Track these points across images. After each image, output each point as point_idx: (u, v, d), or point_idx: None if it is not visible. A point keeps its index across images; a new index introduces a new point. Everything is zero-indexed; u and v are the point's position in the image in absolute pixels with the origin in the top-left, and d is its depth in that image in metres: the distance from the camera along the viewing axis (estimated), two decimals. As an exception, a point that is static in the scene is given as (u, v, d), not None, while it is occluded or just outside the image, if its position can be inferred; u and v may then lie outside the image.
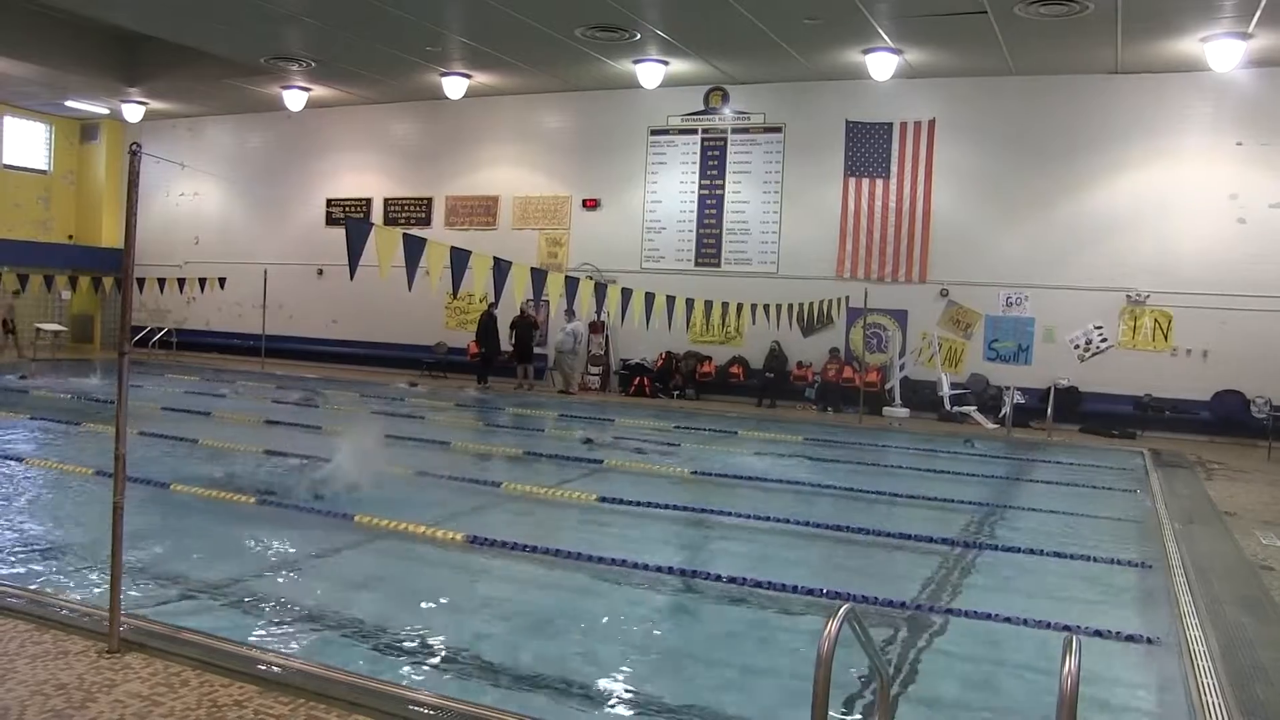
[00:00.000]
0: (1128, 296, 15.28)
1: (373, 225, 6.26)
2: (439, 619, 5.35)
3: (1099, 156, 15.40)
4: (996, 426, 14.58)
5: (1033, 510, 8.90)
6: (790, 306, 15.08)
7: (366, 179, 21.37)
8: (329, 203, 21.68)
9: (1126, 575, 6.72)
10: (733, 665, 4.85)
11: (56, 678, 3.87)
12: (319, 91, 19.86)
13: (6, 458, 9.19)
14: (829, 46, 14.95)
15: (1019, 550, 7.11)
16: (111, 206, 23.91)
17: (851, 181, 16.88)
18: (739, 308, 14.22)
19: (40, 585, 5.35)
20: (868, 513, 8.61)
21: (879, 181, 16.71)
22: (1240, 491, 10.14)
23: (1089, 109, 15.44)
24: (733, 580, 6.01)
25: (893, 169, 16.62)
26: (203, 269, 20.42)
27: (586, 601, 5.83)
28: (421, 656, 4.68)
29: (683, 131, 18.23)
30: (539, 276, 8.65)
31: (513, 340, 18.09)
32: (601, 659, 4.82)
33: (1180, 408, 14.80)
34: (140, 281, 18.17)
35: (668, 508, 8.21)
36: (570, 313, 17.01)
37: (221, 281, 19.46)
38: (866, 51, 14.92)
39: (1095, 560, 6.92)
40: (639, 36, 14.95)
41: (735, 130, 17.87)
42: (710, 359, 17.79)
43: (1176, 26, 12.97)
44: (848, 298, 16.14)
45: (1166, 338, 15.16)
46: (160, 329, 22.32)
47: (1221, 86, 14.58)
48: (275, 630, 4.99)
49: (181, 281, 18.81)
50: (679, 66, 16.52)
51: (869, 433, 14.11)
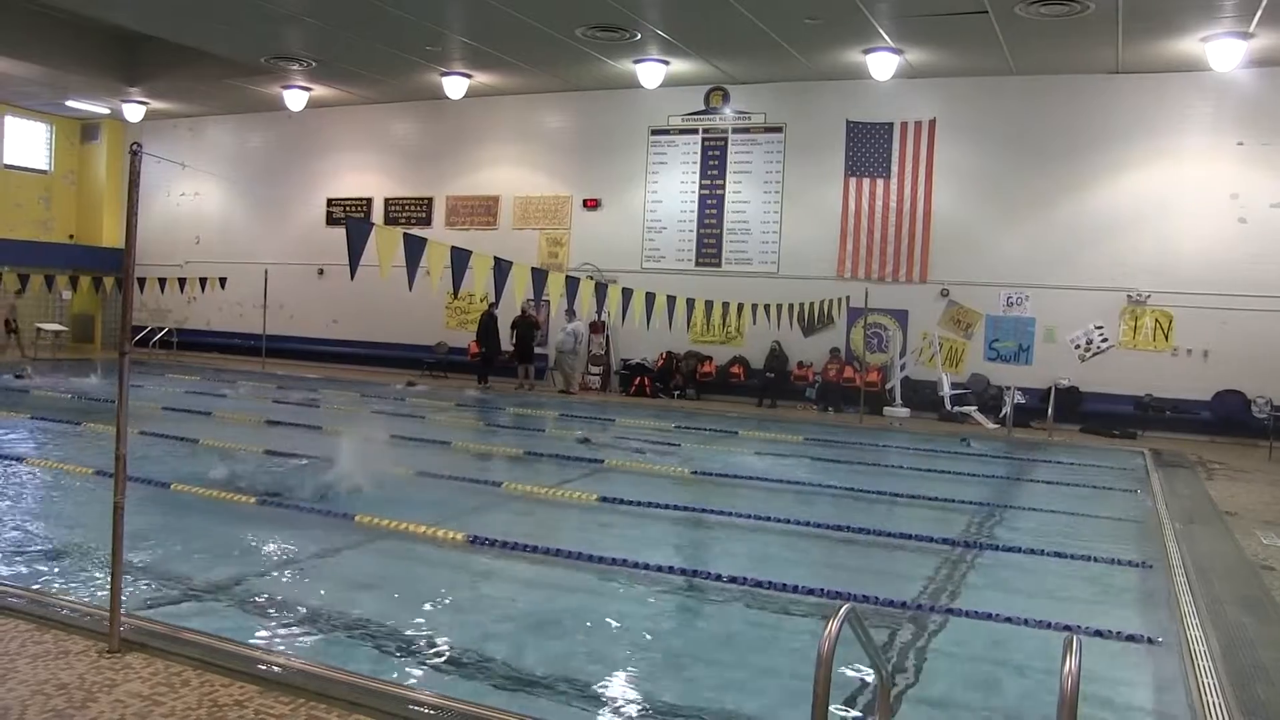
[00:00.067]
0: (1128, 296, 15.28)
1: (373, 225, 6.26)
2: (439, 619, 5.35)
3: (1100, 156, 15.40)
4: (997, 426, 14.57)
5: (1033, 510, 8.90)
6: (791, 306, 15.10)
7: (367, 179, 21.37)
8: (330, 202, 21.69)
9: (1127, 575, 6.72)
10: (733, 665, 4.84)
11: (57, 677, 3.87)
12: (320, 91, 19.87)
13: (7, 457, 9.19)
14: (829, 46, 14.95)
15: (1019, 550, 7.11)
16: (112, 206, 23.94)
17: (852, 181, 16.88)
18: (739, 308, 14.24)
19: (41, 585, 5.35)
20: (868, 512, 8.62)
21: (879, 181, 16.71)
22: (1241, 491, 10.14)
23: (1090, 109, 15.43)
24: (733, 580, 6.01)
25: (893, 169, 16.61)
26: (203, 269, 20.44)
27: (587, 601, 5.82)
28: (422, 656, 4.68)
29: (683, 131, 18.23)
30: (539, 276, 8.66)
31: (514, 340, 18.10)
32: (602, 658, 4.82)
33: (1181, 408, 14.80)
34: (141, 281, 18.20)
35: (668, 508, 8.21)
36: (571, 313, 17.01)
37: (222, 281, 19.51)
38: (867, 51, 14.92)
39: (1096, 560, 6.91)
40: (639, 36, 14.95)
41: (736, 130, 17.87)
42: (711, 359, 17.79)
43: (1177, 26, 12.97)
44: (848, 298, 16.15)
45: (1167, 338, 15.15)
46: (161, 329, 22.34)
47: (1222, 86, 14.57)
48: (276, 630, 4.99)
49: (182, 281, 18.87)
50: (679, 66, 16.52)
51: (869, 433, 14.10)
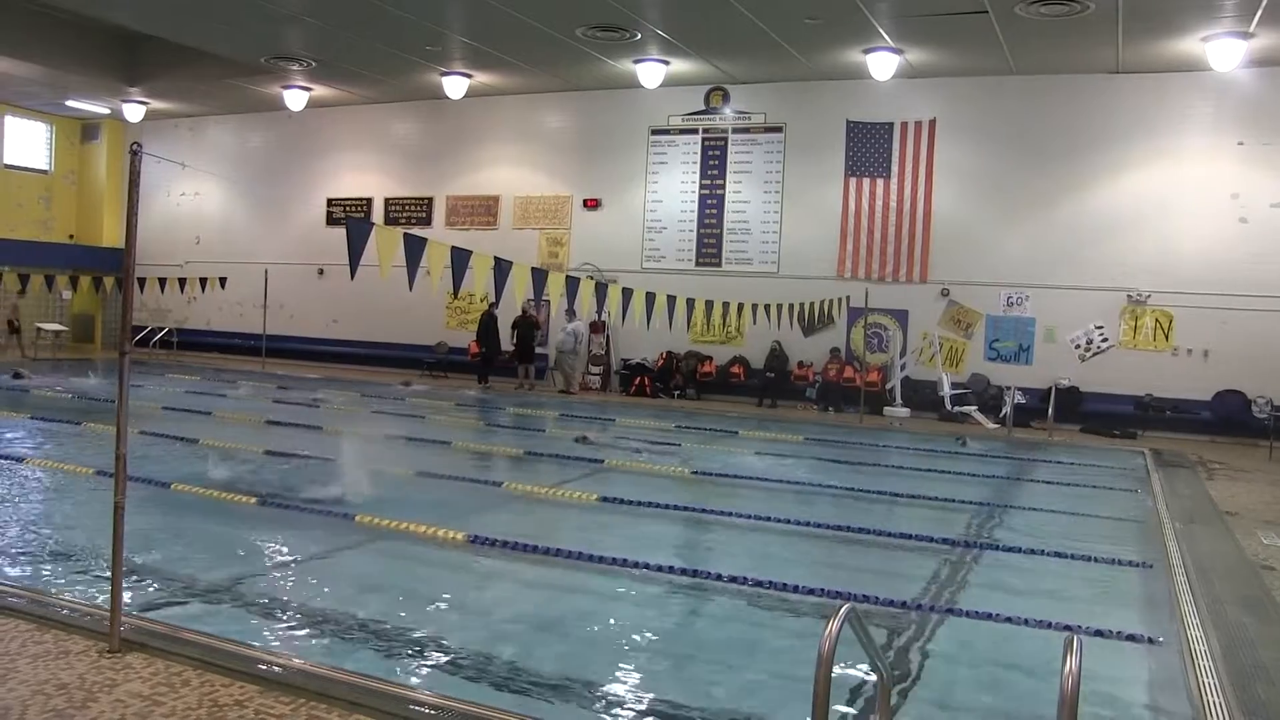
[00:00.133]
0: (1129, 296, 15.28)
1: (373, 225, 6.26)
2: (439, 619, 5.34)
3: (1100, 156, 15.40)
4: (997, 426, 14.57)
5: (1034, 510, 8.89)
6: (791, 306, 15.10)
7: (367, 179, 21.37)
8: (330, 202, 21.69)
9: (1128, 575, 6.72)
10: (733, 664, 4.84)
11: (58, 677, 3.87)
12: (320, 91, 19.87)
13: (8, 457, 9.19)
14: (830, 46, 14.94)
15: (1020, 550, 7.10)
16: (112, 206, 23.94)
17: (852, 181, 16.88)
18: (739, 307, 14.24)
19: (41, 585, 5.35)
20: (869, 512, 8.62)
21: (880, 181, 16.71)
22: (1241, 491, 10.14)
23: (1090, 109, 15.43)
24: (733, 579, 6.00)
25: (893, 169, 16.61)
26: (203, 269, 20.46)
27: (586, 601, 5.82)
28: (422, 656, 4.67)
29: (683, 131, 18.22)
30: (539, 276, 8.66)
31: (514, 340, 18.10)
32: (602, 658, 4.82)
33: (1181, 408, 14.80)
34: (141, 281, 18.20)
35: (668, 507, 8.21)
36: (571, 312, 17.01)
37: (222, 281, 19.52)
38: (867, 51, 14.92)
39: (1096, 560, 6.91)
40: (640, 36, 14.94)
41: (736, 130, 17.87)
42: (711, 359, 17.79)
43: (1177, 26, 12.97)
44: (848, 297, 16.14)
45: (1167, 337, 15.15)
46: (161, 329, 22.33)
47: (1223, 86, 14.57)
48: (276, 630, 4.99)
49: (182, 281, 18.89)
50: (680, 66, 16.52)
51: (870, 432, 14.10)
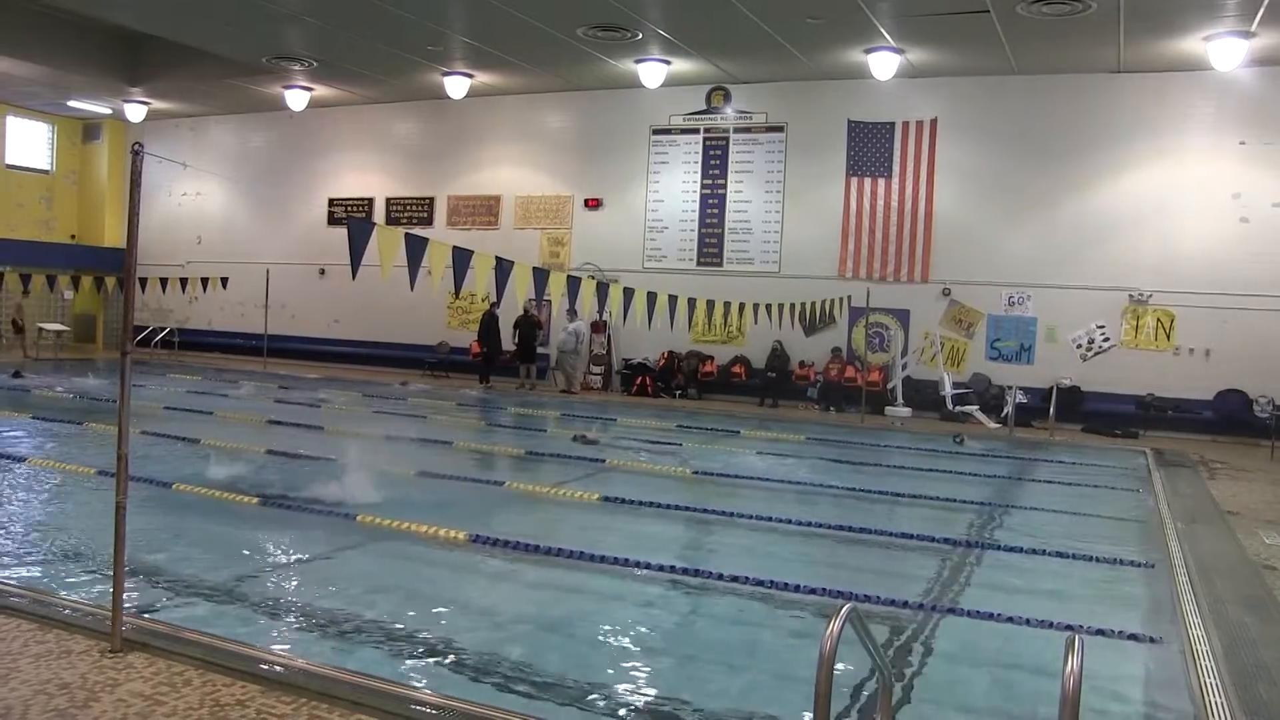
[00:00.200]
0: (1130, 296, 15.27)
1: (375, 225, 6.26)
2: (441, 618, 5.34)
3: (1101, 156, 15.38)
4: (999, 426, 14.56)
5: (1035, 510, 8.89)
6: (792, 306, 15.09)
7: (368, 179, 21.38)
8: (331, 202, 21.70)
9: (1129, 575, 6.71)
10: (734, 664, 4.84)
11: (59, 677, 3.87)
12: (321, 91, 19.87)
13: (9, 457, 9.20)
14: (831, 46, 14.94)
15: (1021, 550, 7.10)
16: (114, 206, 23.96)
17: (853, 181, 16.87)
18: (741, 307, 14.25)
19: (43, 585, 5.35)
20: (870, 512, 8.61)
21: (881, 181, 16.70)
22: (1243, 491, 10.14)
23: (1091, 108, 15.42)
24: (735, 579, 6.00)
25: (895, 168, 16.61)
26: (205, 269, 20.47)
27: (588, 600, 5.83)
28: (424, 656, 4.67)
29: (685, 131, 18.22)
30: (541, 276, 8.66)
31: (516, 340, 18.11)
32: (603, 657, 4.82)
33: (1183, 407, 14.79)
34: (143, 281, 18.22)
35: (670, 507, 8.21)
36: (572, 312, 16.99)
37: (224, 281, 19.54)
38: (869, 51, 14.92)
39: (1098, 560, 6.90)
40: (641, 36, 14.94)
41: (737, 130, 17.86)
42: (712, 358, 17.78)
43: (1179, 25, 12.96)
44: (850, 297, 16.13)
45: (1169, 337, 15.14)
46: (163, 329, 22.33)
47: (1224, 86, 14.55)
48: (278, 630, 4.99)
49: (184, 281, 18.90)
50: (681, 66, 16.51)
51: (871, 432, 14.10)
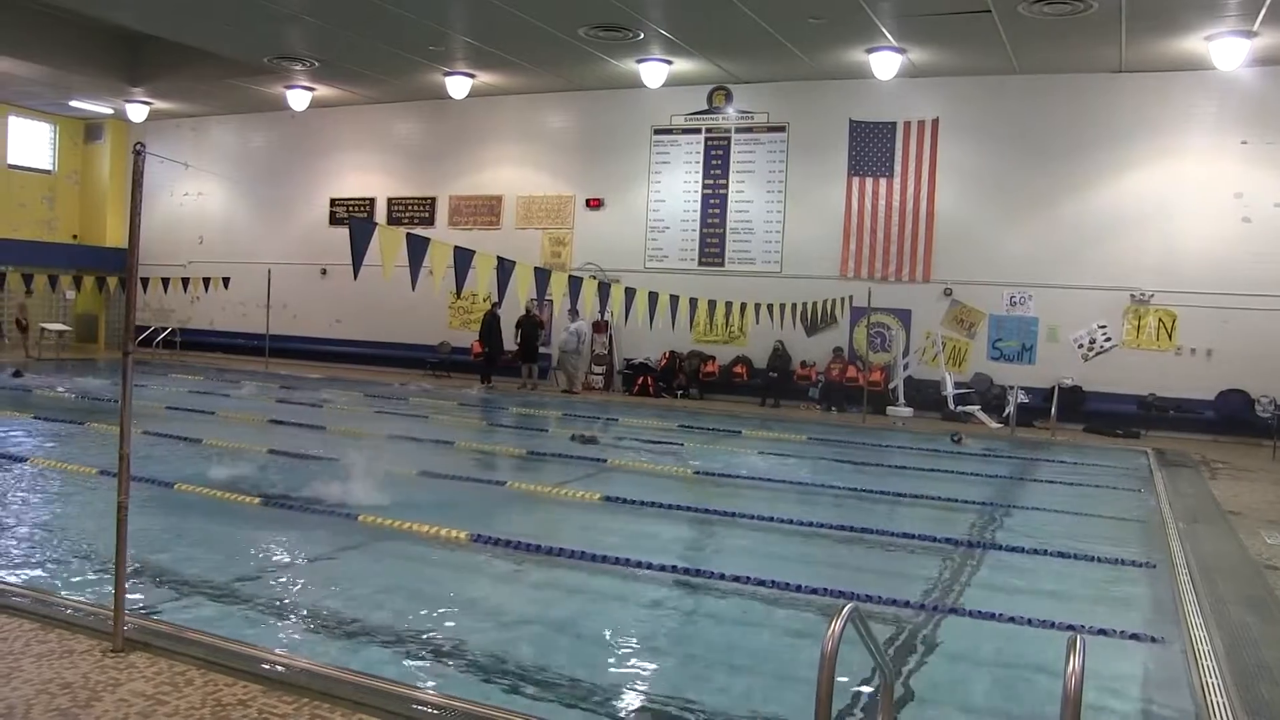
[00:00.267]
0: (1132, 296, 15.26)
1: (376, 225, 6.27)
2: (442, 618, 5.34)
3: (1103, 155, 15.37)
4: (1000, 426, 14.56)
5: (1037, 510, 8.88)
6: (794, 306, 15.09)
7: (370, 179, 21.39)
8: (332, 202, 21.71)
9: (1131, 575, 6.71)
10: (736, 664, 4.84)
11: (61, 677, 3.88)
12: (322, 91, 19.88)
13: (11, 457, 9.21)
14: (832, 46, 14.94)
15: (1023, 550, 7.09)
16: (116, 206, 23.97)
17: (855, 181, 16.87)
18: (742, 307, 14.24)
19: (45, 585, 5.36)
20: (872, 512, 8.61)
21: (882, 181, 16.70)
22: (1245, 491, 10.13)
23: (1093, 108, 15.41)
24: (736, 579, 6.00)
25: (896, 168, 16.60)
26: (207, 269, 20.49)
27: (589, 600, 5.83)
28: (425, 655, 4.68)
29: (686, 131, 18.22)
30: (542, 276, 8.67)
31: (518, 339, 18.11)
32: (604, 657, 4.82)
33: (1184, 407, 14.78)
34: (144, 281, 18.27)
35: (671, 507, 8.21)
36: (574, 312, 16.99)
37: (225, 281, 19.56)
38: (870, 51, 14.91)
39: (1099, 560, 6.90)
40: (642, 36, 14.94)
41: (739, 130, 17.86)
42: (714, 358, 17.78)
43: (1181, 25, 12.94)
44: (851, 297, 16.12)
45: (1170, 337, 15.13)
46: (164, 329, 22.33)
47: (1226, 85, 14.54)
48: (279, 629, 4.99)
49: (185, 281, 18.93)
50: (682, 66, 16.51)
51: (873, 432, 14.09)
